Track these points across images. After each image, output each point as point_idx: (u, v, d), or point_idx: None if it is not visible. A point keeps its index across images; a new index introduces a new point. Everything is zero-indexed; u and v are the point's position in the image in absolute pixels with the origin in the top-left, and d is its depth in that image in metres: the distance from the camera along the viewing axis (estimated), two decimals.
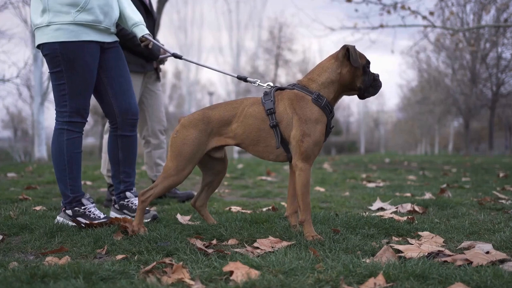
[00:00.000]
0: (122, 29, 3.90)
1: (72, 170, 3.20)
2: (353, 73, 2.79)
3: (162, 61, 4.56)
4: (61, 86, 3.12)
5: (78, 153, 3.22)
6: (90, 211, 3.20)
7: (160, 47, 3.39)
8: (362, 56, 2.81)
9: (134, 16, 3.31)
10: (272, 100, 2.79)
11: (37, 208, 3.78)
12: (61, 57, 3.07)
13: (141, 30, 3.31)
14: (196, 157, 2.84)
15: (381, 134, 57.59)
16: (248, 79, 3.13)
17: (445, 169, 9.86)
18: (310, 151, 2.71)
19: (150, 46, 3.37)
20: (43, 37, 3.07)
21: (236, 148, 33.11)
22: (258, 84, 3.01)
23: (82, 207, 3.20)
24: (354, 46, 2.77)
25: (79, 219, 3.12)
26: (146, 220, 3.29)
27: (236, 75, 3.30)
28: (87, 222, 3.05)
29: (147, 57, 4.33)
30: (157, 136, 4.62)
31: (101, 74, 3.28)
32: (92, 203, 3.27)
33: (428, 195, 4.60)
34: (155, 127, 4.60)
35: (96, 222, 3.04)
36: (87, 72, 3.11)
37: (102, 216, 3.20)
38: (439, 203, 4.00)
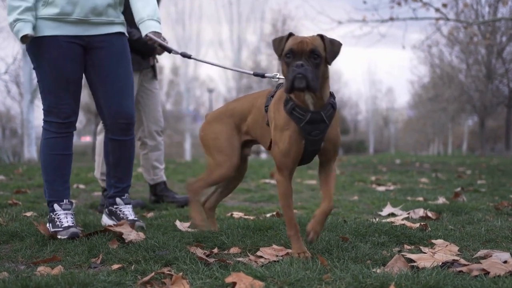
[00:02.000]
0: None
1: (47, 172, 3.19)
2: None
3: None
4: (39, 84, 3.16)
5: (56, 155, 3.17)
6: (58, 218, 3.11)
7: (166, 47, 3.33)
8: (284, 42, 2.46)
9: (142, 11, 3.23)
10: (273, 96, 2.72)
11: (28, 214, 3.79)
12: (31, 55, 3.12)
13: (146, 27, 3.23)
14: (234, 148, 2.88)
15: (391, 133, 57.57)
16: (266, 75, 3.06)
17: (459, 171, 9.85)
18: (279, 162, 2.57)
19: (156, 45, 3.28)
20: None
21: None
22: (278, 78, 2.92)
23: (54, 213, 3.15)
24: (280, 37, 2.51)
25: (48, 226, 3.10)
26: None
27: (252, 72, 3.21)
28: (51, 232, 3.00)
29: (143, 54, 4.34)
30: (154, 138, 4.62)
31: (92, 73, 3.24)
32: (66, 209, 3.16)
33: (441, 200, 4.60)
34: (152, 128, 4.60)
35: (58, 236, 2.96)
36: (55, 68, 3.07)
37: (66, 225, 3.05)
38: (453, 208, 4.00)
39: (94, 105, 3.43)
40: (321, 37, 2.43)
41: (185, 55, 3.38)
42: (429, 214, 3.74)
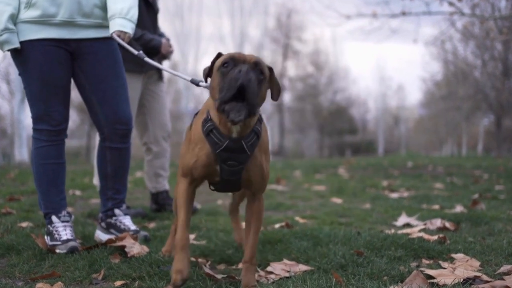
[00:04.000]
0: None
1: (41, 183, 3.19)
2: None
3: (166, 57, 4.57)
4: (25, 90, 3.14)
5: (48, 164, 3.17)
6: (57, 231, 3.11)
7: (128, 49, 3.24)
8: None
9: (114, 6, 3.15)
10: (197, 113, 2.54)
11: (23, 224, 3.79)
12: (15, 60, 3.11)
13: (111, 26, 3.15)
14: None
15: (402, 132, 57.40)
16: (201, 84, 2.72)
17: (475, 175, 9.84)
18: (182, 167, 2.46)
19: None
20: None
21: None
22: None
23: (51, 225, 3.15)
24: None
25: (46, 239, 3.11)
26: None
27: (190, 79, 2.87)
28: (49, 246, 3.02)
29: (146, 54, 4.32)
30: (160, 143, 4.62)
31: (83, 80, 3.23)
32: (65, 221, 3.17)
33: (459, 208, 4.60)
34: (158, 133, 4.60)
35: (57, 250, 2.97)
36: (43, 74, 3.06)
37: (64, 238, 3.05)
38: (472, 218, 4.00)
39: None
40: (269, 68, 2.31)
41: (140, 56, 3.20)
42: (447, 224, 3.73)
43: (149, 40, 4.35)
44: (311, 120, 40.23)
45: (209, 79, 2.32)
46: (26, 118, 17.52)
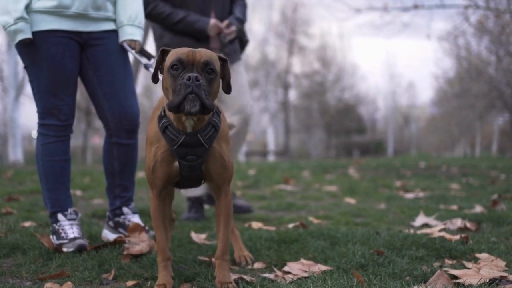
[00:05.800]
0: (155, 7, 3.88)
1: (48, 180, 3.21)
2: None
3: (224, 42, 4.23)
4: (32, 84, 3.16)
5: (56, 161, 3.20)
6: (63, 229, 3.14)
7: (140, 61, 3.28)
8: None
9: (123, 12, 3.26)
10: None
11: (26, 224, 3.81)
12: (23, 51, 3.12)
13: (121, 34, 3.27)
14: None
15: (412, 132, 57.36)
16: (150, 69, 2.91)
17: (492, 175, 9.85)
18: (147, 177, 2.50)
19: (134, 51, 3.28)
20: None
21: (242, 150, 33.08)
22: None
23: (57, 224, 3.17)
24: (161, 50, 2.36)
25: (52, 238, 3.13)
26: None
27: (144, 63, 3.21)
28: (55, 245, 3.04)
29: (195, 36, 4.20)
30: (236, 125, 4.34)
31: (90, 72, 3.26)
32: (71, 219, 3.19)
33: (478, 208, 4.60)
34: (233, 115, 4.32)
35: (64, 248, 2.99)
36: (55, 65, 3.09)
37: (71, 236, 3.07)
38: (493, 218, 4.01)
39: (84, 103, 3.43)
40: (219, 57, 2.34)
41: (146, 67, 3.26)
42: (468, 224, 3.74)
43: (192, 23, 4.15)
44: (317, 119, 40.20)
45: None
46: (21, 117, 17.57)
